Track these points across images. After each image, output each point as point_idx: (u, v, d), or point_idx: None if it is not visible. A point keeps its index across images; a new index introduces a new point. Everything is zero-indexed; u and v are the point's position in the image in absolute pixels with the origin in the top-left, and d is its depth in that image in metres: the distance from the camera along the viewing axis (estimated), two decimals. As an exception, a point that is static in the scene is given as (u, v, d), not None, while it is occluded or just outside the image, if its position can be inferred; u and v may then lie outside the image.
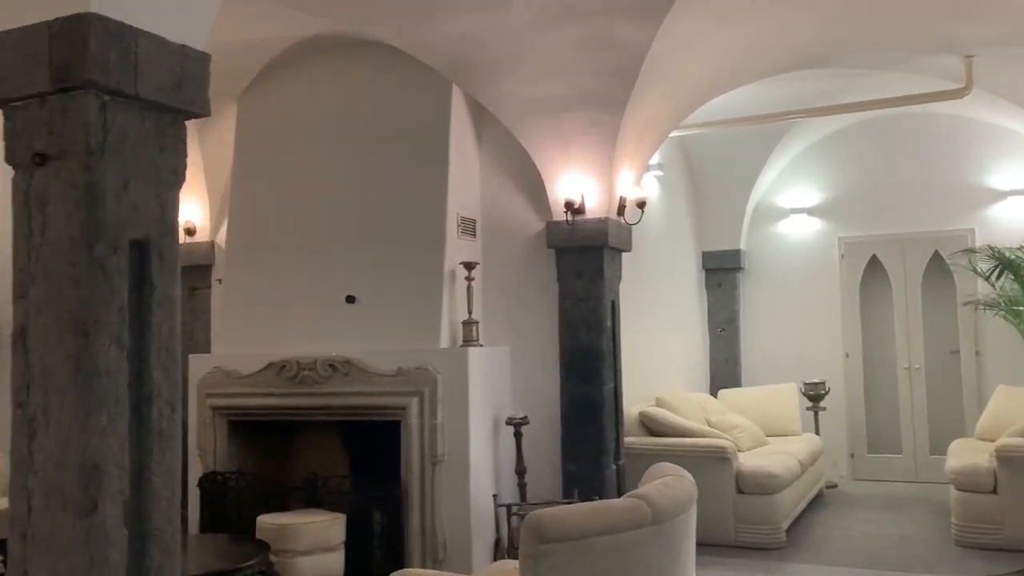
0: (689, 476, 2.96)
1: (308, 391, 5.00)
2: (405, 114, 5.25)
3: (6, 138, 2.10)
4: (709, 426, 6.26)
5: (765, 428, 6.88)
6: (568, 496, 4.86)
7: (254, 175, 5.60)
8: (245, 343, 5.33)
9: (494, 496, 4.89)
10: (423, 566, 4.60)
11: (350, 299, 5.15)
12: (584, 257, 5.17)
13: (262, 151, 5.61)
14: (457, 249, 5.15)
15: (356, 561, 4.60)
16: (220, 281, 5.71)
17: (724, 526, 5.54)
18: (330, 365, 4.96)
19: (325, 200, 5.34)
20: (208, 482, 5.11)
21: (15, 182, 2.09)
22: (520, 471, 4.96)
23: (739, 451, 5.86)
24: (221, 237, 6.14)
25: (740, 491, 5.62)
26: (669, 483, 2.74)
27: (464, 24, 4.49)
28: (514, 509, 4.77)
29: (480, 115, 5.42)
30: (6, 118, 2.10)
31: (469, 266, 5.05)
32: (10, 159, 2.10)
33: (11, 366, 2.07)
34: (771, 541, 5.54)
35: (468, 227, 5.31)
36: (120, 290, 2.05)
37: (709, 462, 5.54)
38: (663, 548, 2.60)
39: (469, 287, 5.06)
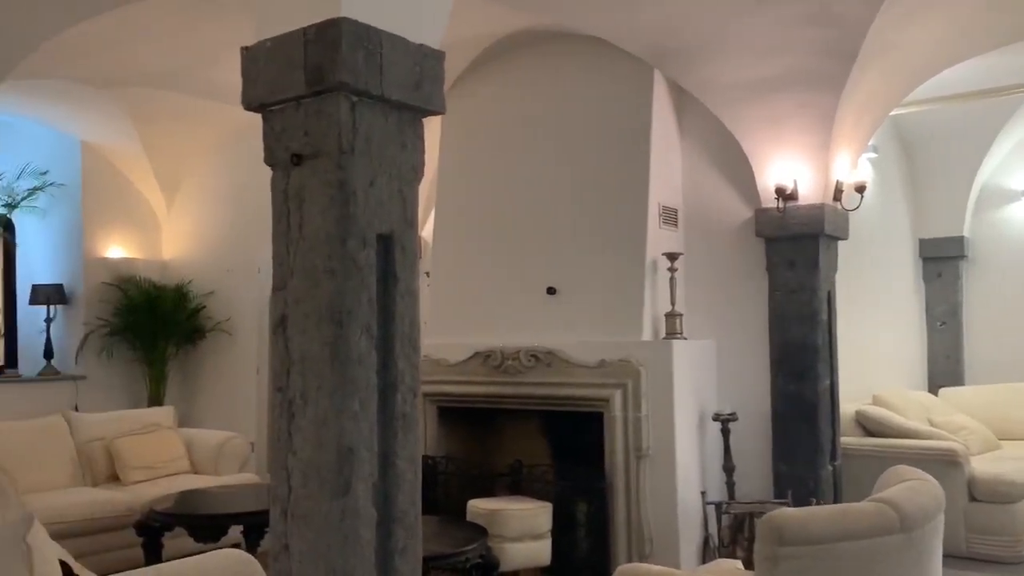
0: (934, 480, 2.73)
1: (511, 380, 5.09)
2: (606, 103, 5.21)
3: (265, 140, 2.26)
4: (933, 427, 5.78)
5: (997, 431, 6.27)
6: (781, 497, 4.65)
7: (459, 170, 5.77)
8: (452, 333, 5.50)
9: (702, 493, 4.76)
10: (629, 560, 4.56)
11: (551, 291, 5.19)
12: (797, 246, 4.91)
13: (467, 147, 5.76)
14: (659, 239, 5.05)
15: (561, 550, 4.63)
16: (428, 274, 5.93)
17: (954, 536, 5.08)
18: (532, 355, 5.02)
19: (528, 193, 5.41)
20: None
21: (274, 182, 2.25)
22: (728, 469, 4.79)
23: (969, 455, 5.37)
24: (427, 231, 6.38)
25: (973, 499, 5.15)
26: (916, 488, 2.53)
27: (668, 8, 4.38)
28: (724, 507, 4.62)
29: (683, 101, 5.28)
30: (265, 122, 2.25)
31: (672, 257, 4.94)
32: (269, 160, 2.25)
33: (272, 352, 2.23)
34: (1009, 555, 5.04)
35: (670, 217, 5.20)
36: (369, 282, 2.15)
37: (936, 466, 5.07)
38: (911, 558, 2.41)
39: (672, 278, 4.95)
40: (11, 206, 7.32)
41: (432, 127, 6.00)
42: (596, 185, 5.16)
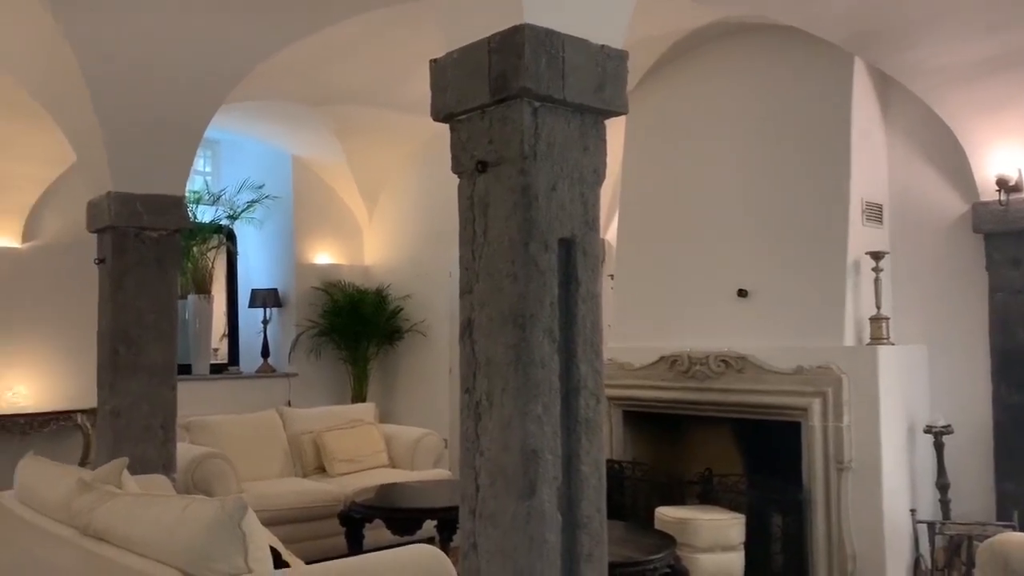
0: None
1: (699, 386, 4.94)
2: (801, 95, 4.95)
3: (453, 149, 2.32)
4: None
5: None
6: (1005, 519, 4.20)
7: (644, 172, 5.69)
8: (637, 337, 5.43)
9: (911, 511, 4.40)
10: (829, 578, 4.30)
11: (742, 293, 5.00)
12: (1022, 241, 4.42)
13: (651, 147, 5.67)
14: (862, 238, 4.72)
15: (754, 563, 4.44)
16: (612, 276, 5.90)
17: None
18: (722, 361, 4.85)
19: (717, 191, 5.24)
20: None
21: (461, 189, 2.30)
22: (942, 486, 4.39)
23: None
24: (611, 234, 6.34)
25: None
26: None
27: (870, -11, 4.09)
28: (938, 528, 4.24)
29: (887, 88, 4.91)
30: (452, 131, 2.32)
31: (876, 256, 4.60)
32: (456, 168, 2.31)
33: (460, 355, 2.29)
34: None
35: (874, 213, 4.84)
36: (551, 286, 2.15)
37: None
38: None
39: (877, 279, 4.61)
40: (232, 217, 8.05)
41: (615, 127, 5.96)
42: (791, 181, 4.91)
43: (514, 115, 2.12)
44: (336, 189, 8.48)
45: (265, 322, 8.16)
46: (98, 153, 4.21)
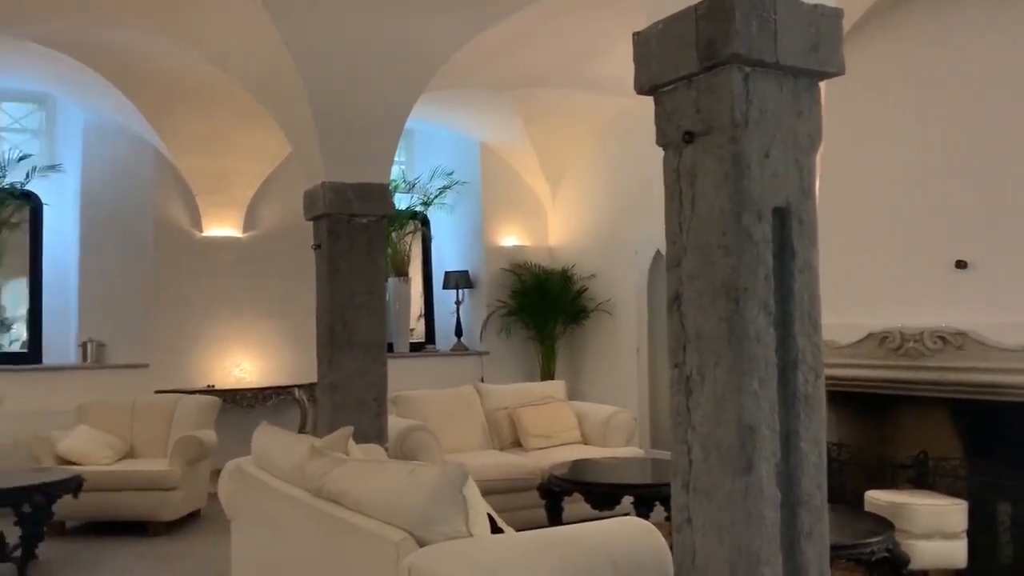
0: None
1: (912, 364, 4.63)
2: (1019, 56, 4.48)
3: (657, 122, 2.30)
4: None
5: None
6: None
7: (846, 140, 5.36)
8: (842, 312, 5.14)
9: None
10: (1069, 574, 3.91)
11: (960, 264, 4.62)
12: None
13: (853, 114, 5.34)
14: (1105, 199, 4.22)
15: (978, 553, 4.12)
16: (811, 250, 5.62)
17: None
18: (939, 337, 4.52)
19: (930, 155, 4.86)
20: (807, 451, 5.09)
21: (666, 161, 2.28)
22: None
23: None
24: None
25: None
26: None
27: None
28: None
29: None
30: (657, 103, 2.29)
31: (1124, 219, 4.10)
32: (661, 141, 2.29)
33: (668, 329, 2.28)
34: None
35: (1120, 171, 4.32)
36: (765, 257, 2.08)
37: None
38: None
39: (1125, 245, 4.11)
40: (426, 204, 8.42)
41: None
42: (1018, 142, 4.46)
43: (723, 82, 2.07)
44: (521, 172, 8.65)
45: (458, 303, 8.49)
46: (313, 146, 4.53)
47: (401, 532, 2.30)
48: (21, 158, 6.78)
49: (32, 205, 7.13)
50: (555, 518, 4.59)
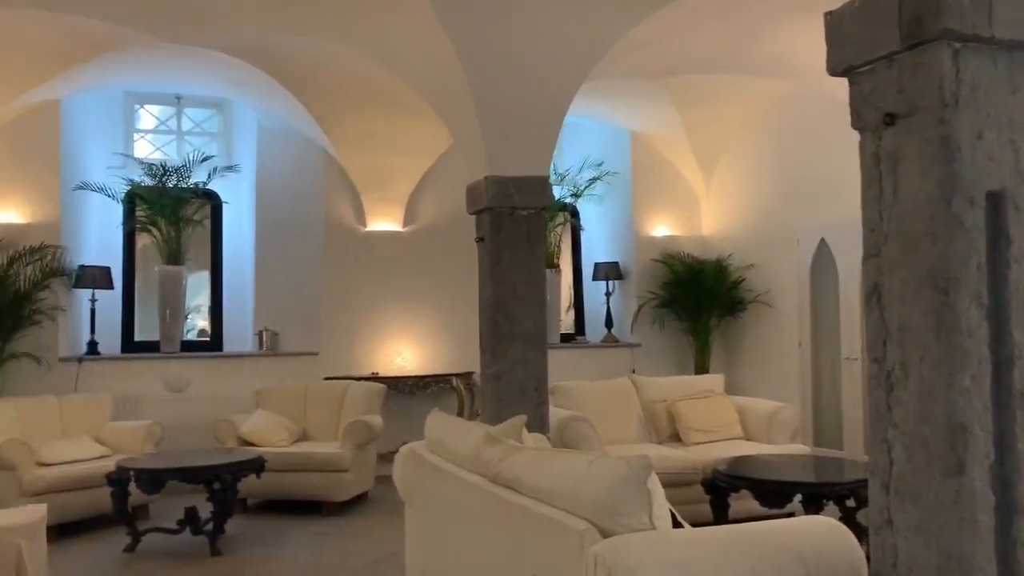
0: None
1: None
2: None
3: (852, 104, 2.19)
4: None
5: None
6: None
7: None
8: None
9: None
10: None
11: None
12: None
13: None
14: None
15: None
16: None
17: None
18: None
19: None
20: None
21: (863, 145, 2.17)
22: None
23: None
24: None
25: None
26: None
27: None
28: None
29: None
30: (852, 84, 2.19)
31: None
32: (856, 124, 2.18)
33: (866, 322, 2.18)
34: None
35: None
36: (978, 245, 1.95)
37: None
38: None
39: None
40: (576, 195, 8.43)
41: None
42: None
43: (931, 60, 1.95)
44: (672, 161, 8.51)
45: (608, 295, 8.46)
46: (476, 141, 4.63)
47: (584, 522, 2.32)
48: (204, 159, 7.31)
49: (213, 203, 7.68)
50: (720, 514, 4.50)
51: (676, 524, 2.53)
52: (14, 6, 4.78)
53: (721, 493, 4.52)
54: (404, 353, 7.69)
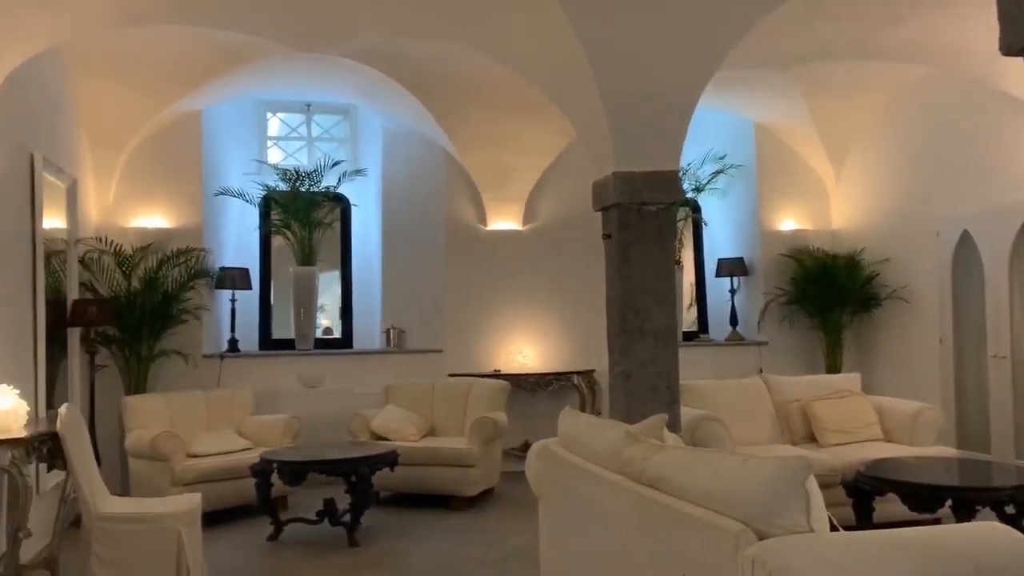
0: None
1: None
2: None
3: (1030, 85, 2.06)
4: None
5: None
6: None
7: None
8: None
9: None
10: None
11: None
12: None
13: None
14: None
15: None
16: None
17: None
18: None
19: None
20: None
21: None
22: None
23: None
24: None
25: None
26: None
27: None
28: None
29: None
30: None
31: None
32: (1035, 106, 2.05)
33: None
34: None
35: None
36: None
37: None
38: None
39: None
40: (698, 190, 8.26)
41: None
42: None
43: None
44: (800, 152, 8.22)
45: (732, 291, 8.26)
46: (603, 138, 4.60)
47: (738, 523, 2.26)
48: (334, 164, 7.57)
49: (342, 206, 7.95)
50: (865, 518, 4.31)
51: (832, 528, 2.44)
52: (168, 22, 5.07)
53: (865, 496, 4.33)
54: (525, 351, 7.74)
